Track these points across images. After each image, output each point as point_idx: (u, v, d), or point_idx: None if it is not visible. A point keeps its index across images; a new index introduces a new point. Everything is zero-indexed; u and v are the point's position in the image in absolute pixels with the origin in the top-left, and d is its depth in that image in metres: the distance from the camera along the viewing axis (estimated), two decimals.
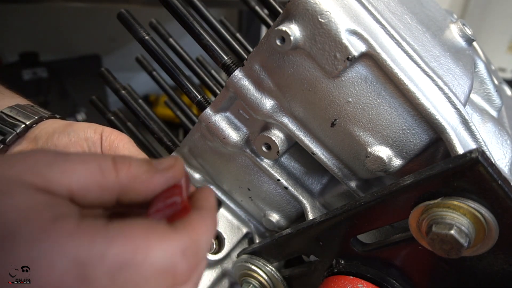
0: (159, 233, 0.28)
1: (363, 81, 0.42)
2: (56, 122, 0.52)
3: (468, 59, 0.49)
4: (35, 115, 0.52)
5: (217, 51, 0.51)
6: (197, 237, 0.30)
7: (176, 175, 0.33)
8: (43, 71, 1.91)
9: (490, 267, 0.37)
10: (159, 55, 0.55)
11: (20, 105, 0.53)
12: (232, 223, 0.63)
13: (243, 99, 0.49)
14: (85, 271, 0.24)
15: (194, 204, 0.33)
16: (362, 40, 0.40)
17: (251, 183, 0.57)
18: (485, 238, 0.34)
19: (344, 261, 0.46)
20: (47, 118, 0.53)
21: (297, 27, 0.42)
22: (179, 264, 0.28)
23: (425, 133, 0.43)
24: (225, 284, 0.64)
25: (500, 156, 0.46)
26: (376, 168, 0.44)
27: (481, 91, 0.55)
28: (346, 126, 0.45)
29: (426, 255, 0.39)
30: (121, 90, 0.65)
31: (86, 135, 0.49)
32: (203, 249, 0.31)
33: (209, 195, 0.35)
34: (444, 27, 0.51)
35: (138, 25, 0.55)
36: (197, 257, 0.30)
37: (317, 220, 0.46)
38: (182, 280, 0.29)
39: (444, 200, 0.35)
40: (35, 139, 0.50)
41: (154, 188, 0.32)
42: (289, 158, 0.55)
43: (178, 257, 0.28)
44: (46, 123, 0.52)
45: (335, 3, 0.41)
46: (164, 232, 0.28)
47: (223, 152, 0.56)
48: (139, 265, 0.26)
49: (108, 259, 0.25)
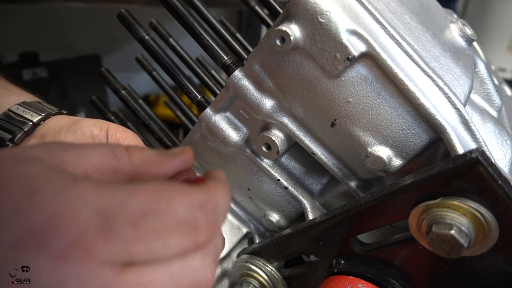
0: (179, 187, 0.29)
1: (363, 81, 0.42)
2: (63, 118, 0.52)
3: (468, 59, 0.49)
4: (42, 111, 0.52)
5: (217, 51, 0.51)
6: (215, 195, 0.30)
7: (187, 160, 0.34)
8: (43, 71, 1.91)
9: (490, 267, 0.37)
10: (159, 55, 0.55)
11: (27, 102, 0.53)
12: (232, 223, 0.63)
13: (243, 99, 0.49)
14: (108, 219, 0.24)
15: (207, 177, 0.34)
16: (362, 40, 0.40)
17: (251, 183, 0.57)
18: (485, 238, 0.34)
19: (344, 261, 0.46)
20: (54, 114, 0.53)
21: (297, 27, 0.42)
22: (200, 217, 0.28)
23: (425, 133, 0.43)
24: (225, 284, 0.64)
25: (500, 156, 0.46)
26: (376, 168, 0.44)
27: (481, 91, 0.55)
28: (346, 126, 0.45)
29: (426, 255, 0.39)
30: (121, 90, 0.65)
31: (92, 133, 0.50)
32: (221, 211, 0.31)
33: (219, 172, 0.35)
34: (444, 27, 0.50)
35: (138, 25, 0.55)
36: (215, 215, 0.29)
37: (317, 220, 0.46)
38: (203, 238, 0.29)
39: (444, 200, 0.35)
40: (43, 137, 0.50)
41: (166, 170, 0.33)
42: (289, 158, 0.55)
43: (198, 209, 0.28)
44: (53, 119, 0.52)
45: (335, 3, 0.41)
46: (184, 187, 0.29)
47: (223, 152, 0.56)
48: (161, 213, 0.26)
49: (131, 208, 0.25)
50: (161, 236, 0.26)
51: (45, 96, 1.28)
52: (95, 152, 0.30)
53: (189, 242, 0.28)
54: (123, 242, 0.25)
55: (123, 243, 0.25)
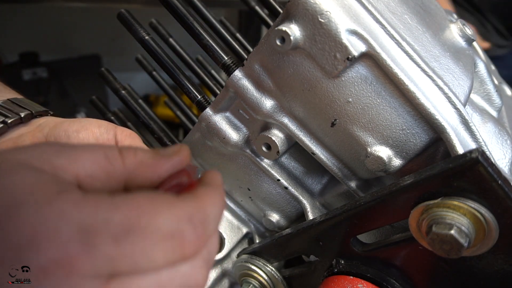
0: (164, 200, 0.28)
1: (363, 81, 0.42)
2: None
3: (468, 59, 0.49)
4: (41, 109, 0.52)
5: (217, 51, 0.52)
6: (204, 205, 0.29)
7: (182, 160, 0.33)
8: (43, 71, 1.91)
9: (490, 267, 0.37)
10: (159, 55, 0.55)
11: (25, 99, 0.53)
12: (232, 223, 0.63)
13: (243, 99, 0.49)
14: (89, 236, 0.24)
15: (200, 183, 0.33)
16: (362, 40, 0.40)
17: (251, 183, 0.57)
18: (485, 238, 0.34)
19: (344, 261, 0.46)
20: (51, 116, 0.53)
21: (297, 27, 0.42)
22: (186, 231, 0.27)
23: (425, 133, 0.43)
24: (225, 284, 0.64)
25: (500, 156, 0.46)
26: (376, 168, 0.44)
27: (481, 91, 0.55)
28: (346, 126, 0.45)
29: (426, 255, 0.39)
30: (121, 90, 0.65)
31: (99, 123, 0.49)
32: (211, 220, 0.30)
33: (215, 174, 0.34)
34: (444, 27, 0.50)
35: (138, 25, 0.55)
36: (204, 227, 0.29)
37: (317, 220, 0.46)
38: (191, 250, 0.28)
39: (444, 200, 0.35)
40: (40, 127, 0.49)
41: (160, 173, 0.32)
42: (289, 158, 0.55)
43: (184, 223, 0.27)
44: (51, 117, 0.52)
45: (335, 3, 0.41)
46: (170, 199, 0.28)
47: (223, 152, 0.56)
48: (144, 229, 0.26)
49: (113, 224, 0.25)
50: (145, 251, 0.26)
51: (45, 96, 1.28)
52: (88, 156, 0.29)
53: (175, 255, 0.27)
54: (107, 258, 0.24)
55: (107, 258, 0.24)
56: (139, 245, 0.25)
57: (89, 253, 0.24)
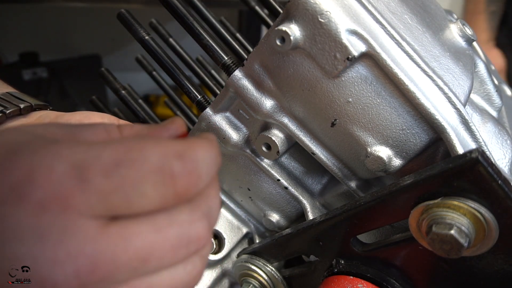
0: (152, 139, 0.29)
1: (363, 81, 0.42)
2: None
3: (468, 59, 0.49)
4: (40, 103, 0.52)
5: (217, 51, 0.51)
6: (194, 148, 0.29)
7: (178, 127, 0.34)
8: (43, 71, 1.92)
9: (490, 267, 0.38)
10: (159, 55, 0.55)
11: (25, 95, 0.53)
12: (232, 223, 0.63)
13: (243, 99, 0.49)
14: (82, 171, 0.25)
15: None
16: (362, 40, 0.40)
17: (251, 183, 0.57)
18: (485, 238, 0.34)
19: (344, 261, 0.46)
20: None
21: (297, 27, 0.42)
22: (175, 165, 0.27)
23: (425, 133, 0.43)
24: (225, 284, 0.64)
25: (500, 156, 0.46)
26: (376, 168, 0.44)
27: (481, 91, 0.55)
28: (346, 126, 0.45)
29: (426, 255, 0.39)
30: (121, 90, 0.65)
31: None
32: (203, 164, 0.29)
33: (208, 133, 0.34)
34: (444, 27, 0.50)
35: (138, 25, 0.55)
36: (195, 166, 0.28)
37: (317, 220, 0.46)
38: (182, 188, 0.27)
39: (444, 200, 0.35)
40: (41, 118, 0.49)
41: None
42: (289, 158, 0.55)
43: (173, 157, 0.27)
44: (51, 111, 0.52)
45: (335, 3, 0.41)
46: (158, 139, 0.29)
47: (223, 152, 0.56)
48: (133, 161, 0.26)
49: (103, 159, 0.26)
50: (136, 184, 0.26)
51: (45, 96, 1.29)
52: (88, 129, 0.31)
53: (167, 191, 0.27)
54: (99, 193, 0.25)
55: (99, 193, 0.25)
56: (128, 177, 0.26)
57: (82, 187, 0.25)
